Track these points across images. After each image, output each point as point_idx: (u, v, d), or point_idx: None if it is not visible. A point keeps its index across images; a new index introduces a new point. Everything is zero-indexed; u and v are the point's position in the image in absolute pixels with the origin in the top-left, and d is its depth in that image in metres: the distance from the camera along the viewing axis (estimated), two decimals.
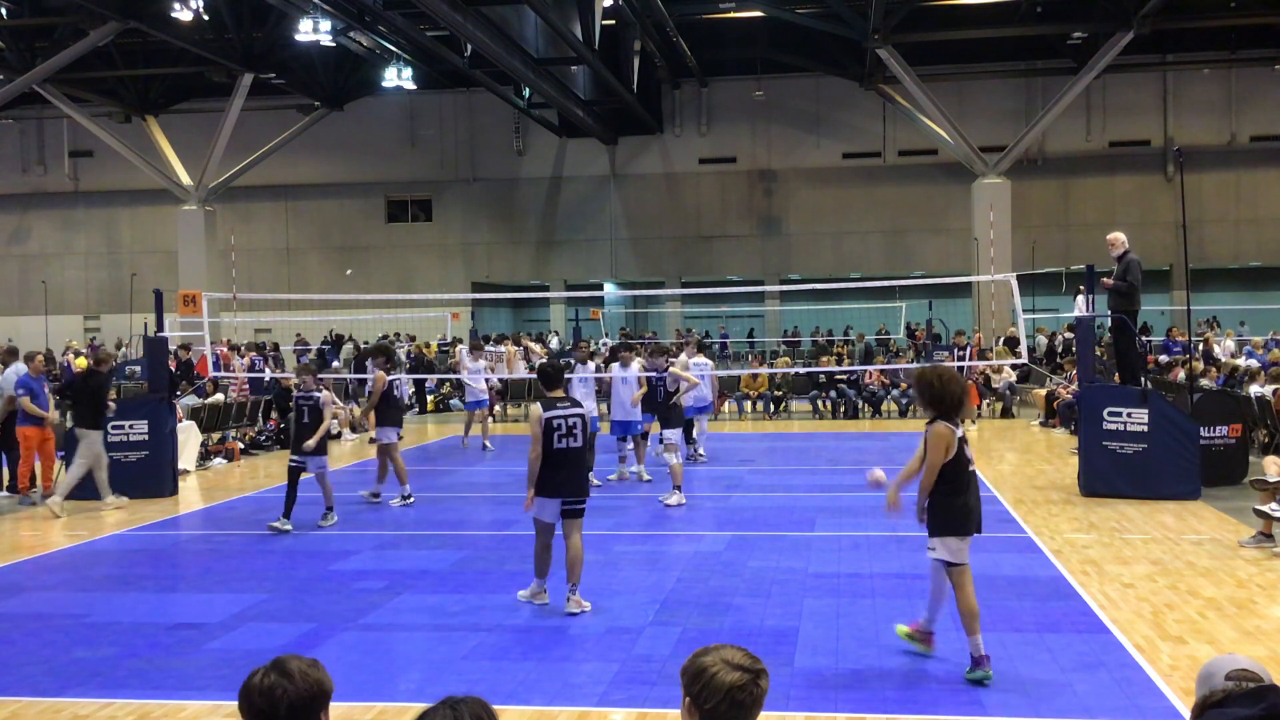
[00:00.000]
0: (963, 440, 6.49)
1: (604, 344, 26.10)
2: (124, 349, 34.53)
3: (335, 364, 30.71)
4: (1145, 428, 12.14)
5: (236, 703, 2.76)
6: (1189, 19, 31.45)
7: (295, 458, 11.47)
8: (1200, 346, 22.67)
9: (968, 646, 6.39)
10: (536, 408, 7.96)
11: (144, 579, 9.05)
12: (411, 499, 13.00)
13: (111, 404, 13.97)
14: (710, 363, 18.00)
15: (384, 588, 8.80)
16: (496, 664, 6.80)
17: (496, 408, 21.99)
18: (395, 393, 13.77)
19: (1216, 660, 3.04)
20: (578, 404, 8.23)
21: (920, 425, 6.97)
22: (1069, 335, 27.55)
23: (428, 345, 31.19)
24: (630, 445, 14.55)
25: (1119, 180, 38.35)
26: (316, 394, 11.36)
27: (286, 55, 33.34)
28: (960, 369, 21.12)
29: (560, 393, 8.25)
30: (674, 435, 13.06)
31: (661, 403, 13.38)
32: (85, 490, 12.97)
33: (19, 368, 14.18)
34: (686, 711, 2.63)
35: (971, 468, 6.55)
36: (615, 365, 14.33)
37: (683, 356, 15.99)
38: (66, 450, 13.88)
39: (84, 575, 9.44)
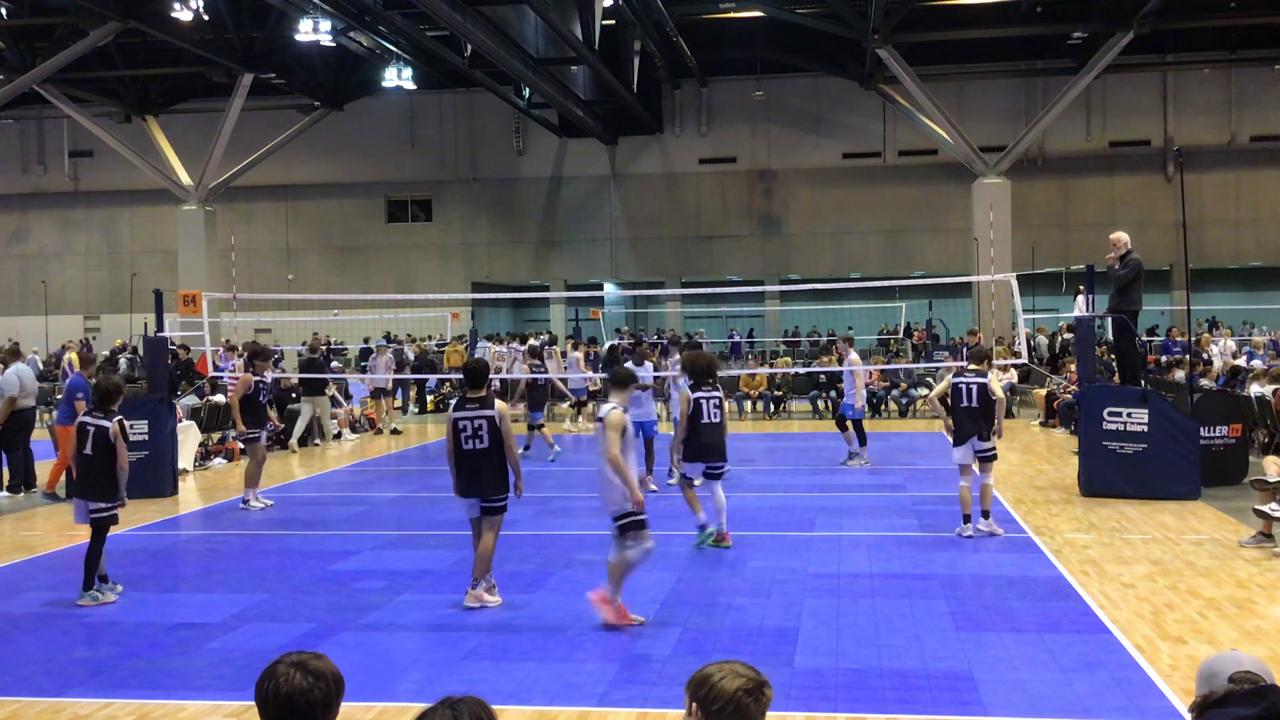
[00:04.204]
0: (705, 400, 10.01)
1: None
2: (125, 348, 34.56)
3: (335, 364, 30.70)
4: (1145, 428, 12.14)
5: (254, 700, 2.76)
6: (1189, 19, 31.44)
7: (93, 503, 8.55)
8: (1196, 347, 22.63)
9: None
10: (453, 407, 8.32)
11: (144, 579, 9.04)
12: (249, 505, 12.84)
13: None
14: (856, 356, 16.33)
15: (384, 588, 8.79)
16: (496, 664, 6.80)
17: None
18: (260, 397, 13.34)
19: (1218, 658, 3.04)
20: (487, 405, 8.01)
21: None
22: (1042, 340, 27.59)
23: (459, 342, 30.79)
24: None
25: (1119, 180, 38.36)
26: (106, 422, 8.53)
27: (286, 55, 33.33)
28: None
29: (481, 393, 8.08)
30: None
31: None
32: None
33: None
34: (693, 718, 2.77)
35: (704, 420, 10.02)
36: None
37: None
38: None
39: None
